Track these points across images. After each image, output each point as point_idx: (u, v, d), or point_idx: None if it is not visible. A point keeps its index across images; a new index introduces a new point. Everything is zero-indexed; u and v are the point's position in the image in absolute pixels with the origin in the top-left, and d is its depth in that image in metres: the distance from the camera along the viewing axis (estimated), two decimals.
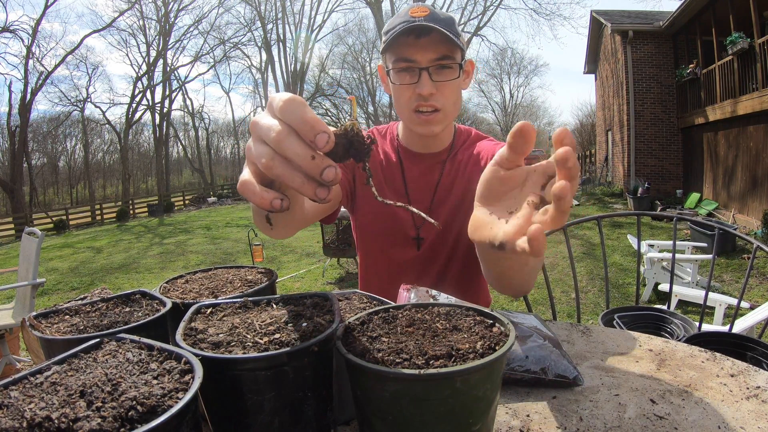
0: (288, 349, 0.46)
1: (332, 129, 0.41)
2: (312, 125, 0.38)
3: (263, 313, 0.58)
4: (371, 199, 1.10)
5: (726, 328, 1.56)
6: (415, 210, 0.46)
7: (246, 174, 0.44)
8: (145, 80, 28.22)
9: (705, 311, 1.45)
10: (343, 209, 1.18)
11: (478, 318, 0.54)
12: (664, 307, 1.60)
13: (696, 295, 3.59)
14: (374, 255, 1.16)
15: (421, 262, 1.11)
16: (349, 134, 0.41)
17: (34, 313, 0.65)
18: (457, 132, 1.14)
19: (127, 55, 39.96)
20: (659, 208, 9.46)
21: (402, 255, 1.11)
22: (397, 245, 1.11)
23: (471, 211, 1.06)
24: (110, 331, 0.58)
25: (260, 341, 0.49)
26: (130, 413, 0.36)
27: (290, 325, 0.54)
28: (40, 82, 23.06)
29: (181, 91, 32.78)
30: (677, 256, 3.48)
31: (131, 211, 19.43)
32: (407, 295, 0.80)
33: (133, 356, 0.47)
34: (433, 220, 0.45)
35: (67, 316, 0.66)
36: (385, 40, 0.96)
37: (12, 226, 16.64)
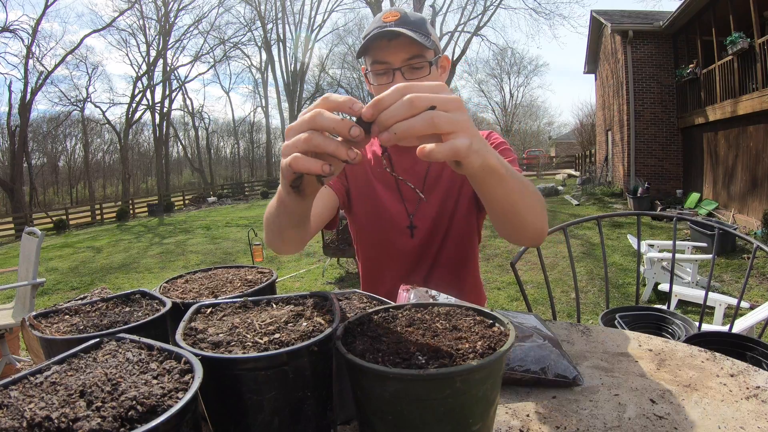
0: (288, 349, 0.46)
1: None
2: (341, 99, 0.50)
3: (263, 313, 0.58)
4: (366, 197, 1.17)
5: (726, 328, 1.56)
6: (411, 185, 0.64)
7: (289, 157, 0.52)
8: (145, 80, 28.23)
9: (705, 311, 1.45)
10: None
11: (478, 318, 0.54)
12: (665, 307, 1.60)
13: (696, 295, 3.59)
14: (372, 248, 1.22)
15: (416, 249, 1.16)
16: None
17: (34, 313, 0.65)
18: None
19: (127, 55, 40.03)
20: (659, 208, 9.46)
21: (397, 244, 1.17)
22: (393, 235, 1.17)
23: (461, 197, 1.11)
24: (110, 331, 0.58)
25: (260, 341, 0.49)
26: (130, 413, 0.36)
27: (290, 325, 0.54)
28: (40, 81, 23.08)
29: (181, 91, 32.82)
30: (677, 256, 3.47)
31: (131, 211, 19.43)
32: (407, 295, 0.80)
33: (133, 356, 0.47)
34: (422, 195, 0.68)
35: (67, 316, 0.66)
36: (362, 44, 1.05)
37: (12, 225, 16.64)
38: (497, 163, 0.57)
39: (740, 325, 2.67)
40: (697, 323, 1.37)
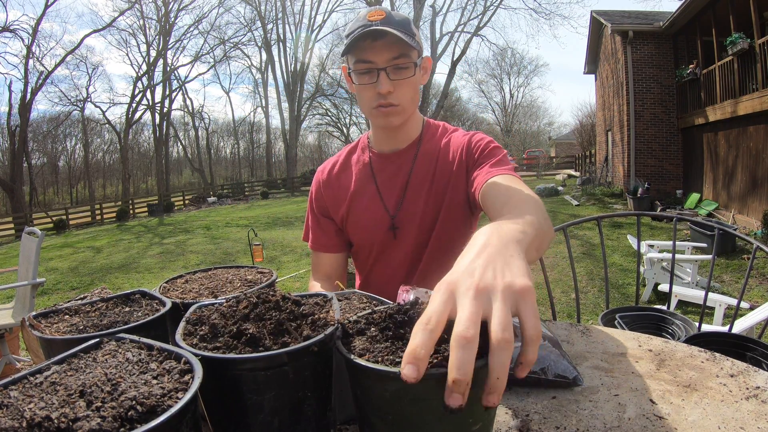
0: (288, 349, 0.46)
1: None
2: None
3: None
4: (356, 218, 1.19)
5: (726, 329, 1.56)
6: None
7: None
8: (145, 80, 28.24)
9: (705, 311, 1.45)
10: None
11: None
12: (665, 308, 1.60)
13: (696, 295, 3.58)
14: (363, 256, 1.25)
15: (402, 250, 1.17)
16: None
17: (34, 313, 0.65)
18: (425, 125, 1.20)
19: (127, 55, 39.96)
20: (659, 209, 9.45)
21: (383, 246, 1.19)
22: (379, 238, 1.18)
23: (442, 198, 1.14)
24: (110, 331, 0.58)
25: None
26: (129, 413, 0.36)
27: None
28: (40, 81, 23.08)
29: (181, 91, 32.81)
30: (677, 256, 3.47)
31: (131, 211, 19.43)
32: (407, 295, 0.80)
33: (133, 356, 0.47)
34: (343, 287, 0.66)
35: (67, 316, 0.66)
36: (346, 43, 1.02)
37: (12, 225, 16.64)
38: (532, 246, 0.56)
39: (740, 326, 2.67)
40: (697, 323, 1.37)
